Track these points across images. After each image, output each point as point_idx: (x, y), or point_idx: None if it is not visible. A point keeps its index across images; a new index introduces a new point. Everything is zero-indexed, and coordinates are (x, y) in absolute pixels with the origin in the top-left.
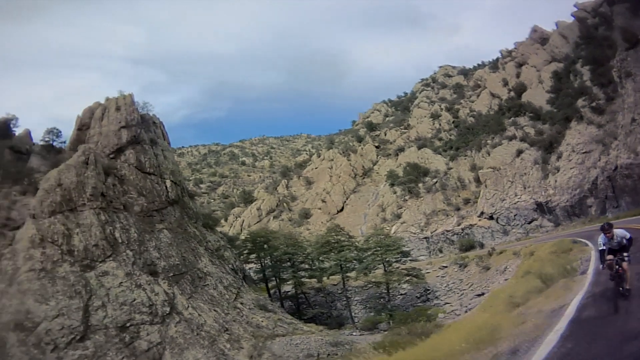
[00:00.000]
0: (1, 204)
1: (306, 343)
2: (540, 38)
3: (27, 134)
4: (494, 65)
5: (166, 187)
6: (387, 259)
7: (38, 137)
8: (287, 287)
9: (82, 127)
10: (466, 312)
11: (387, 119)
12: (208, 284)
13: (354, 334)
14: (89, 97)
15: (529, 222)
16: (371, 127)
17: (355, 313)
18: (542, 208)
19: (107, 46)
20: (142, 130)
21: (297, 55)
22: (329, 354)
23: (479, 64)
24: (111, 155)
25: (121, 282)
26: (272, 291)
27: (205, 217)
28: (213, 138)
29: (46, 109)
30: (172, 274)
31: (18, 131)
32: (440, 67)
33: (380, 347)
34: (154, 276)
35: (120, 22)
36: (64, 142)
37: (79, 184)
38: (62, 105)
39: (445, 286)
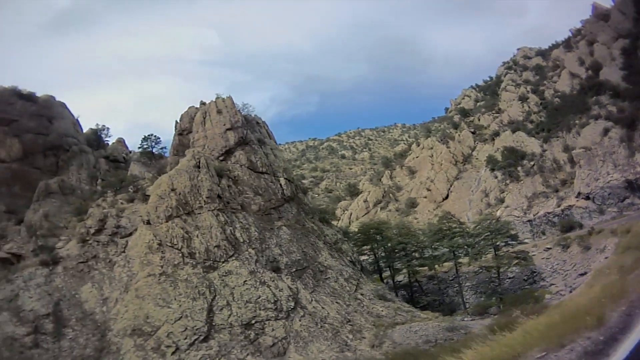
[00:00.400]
0: (108, 212)
1: (424, 330)
2: (601, 14)
3: (122, 142)
4: (567, 45)
5: (280, 184)
6: (497, 243)
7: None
8: (399, 277)
9: (183, 131)
10: (571, 292)
11: (478, 104)
12: (329, 277)
13: (466, 319)
14: (171, 102)
15: (622, 201)
16: (464, 113)
17: (466, 299)
18: (632, 186)
19: (183, 51)
20: (248, 131)
21: (378, 45)
22: (445, 340)
23: (553, 44)
24: (220, 158)
25: (245, 281)
26: (384, 281)
27: (321, 211)
28: (308, 133)
29: (128, 116)
30: (294, 269)
31: (110, 140)
32: (519, 49)
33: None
34: (277, 272)
35: (193, 27)
36: (163, 149)
37: (193, 187)
38: (144, 111)
39: (550, 268)
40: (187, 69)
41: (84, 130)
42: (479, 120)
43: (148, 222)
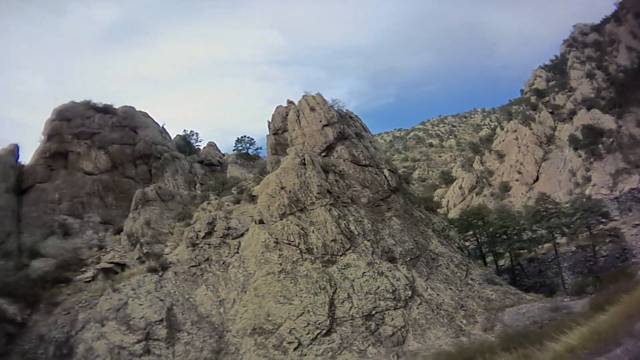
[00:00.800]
0: (216, 214)
1: (531, 311)
2: None
3: (213, 146)
4: (617, 18)
5: (385, 176)
6: (590, 222)
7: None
8: (500, 261)
9: (277, 131)
10: None
11: (550, 83)
12: (441, 264)
13: (565, 300)
14: (247, 103)
15: None
16: (539, 93)
17: (564, 279)
18: None
19: (252, 53)
20: (344, 125)
21: (442, 32)
22: (550, 320)
23: (604, 18)
24: (322, 154)
25: (364, 272)
26: (487, 266)
27: (425, 200)
28: (391, 125)
29: (206, 119)
30: (408, 258)
31: (200, 145)
32: (574, 25)
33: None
34: (392, 262)
35: (253, 29)
36: (258, 149)
37: (302, 184)
38: (221, 114)
39: None
40: (257, 71)
41: (172, 137)
42: (554, 100)
43: (261, 222)
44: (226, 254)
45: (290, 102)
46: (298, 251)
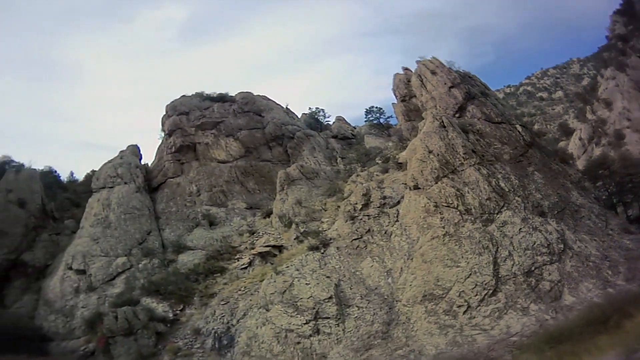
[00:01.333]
0: (368, 185)
1: None
2: None
3: (343, 120)
4: None
5: (519, 131)
6: None
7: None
8: (628, 211)
9: (404, 97)
10: None
11: (629, 28)
12: (583, 216)
13: None
14: (353, 77)
15: None
16: (623, 39)
17: None
18: None
19: (340, 29)
20: (468, 86)
21: None
22: None
23: None
24: (456, 115)
25: (520, 229)
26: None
27: (558, 152)
28: (494, 82)
29: (315, 98)
30: (556, 212)
31: (329, 121)
32: None
33: None
34: (542, 217)
35: (336, 4)
36: (389, 118)
37: (447, 146)
38: (328, 91)
39: None
40: (351, 45)
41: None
42: (638, 43)
43: (416, 187)
44: (386, 223)
45: (406, 69)
46: (458, 213)
